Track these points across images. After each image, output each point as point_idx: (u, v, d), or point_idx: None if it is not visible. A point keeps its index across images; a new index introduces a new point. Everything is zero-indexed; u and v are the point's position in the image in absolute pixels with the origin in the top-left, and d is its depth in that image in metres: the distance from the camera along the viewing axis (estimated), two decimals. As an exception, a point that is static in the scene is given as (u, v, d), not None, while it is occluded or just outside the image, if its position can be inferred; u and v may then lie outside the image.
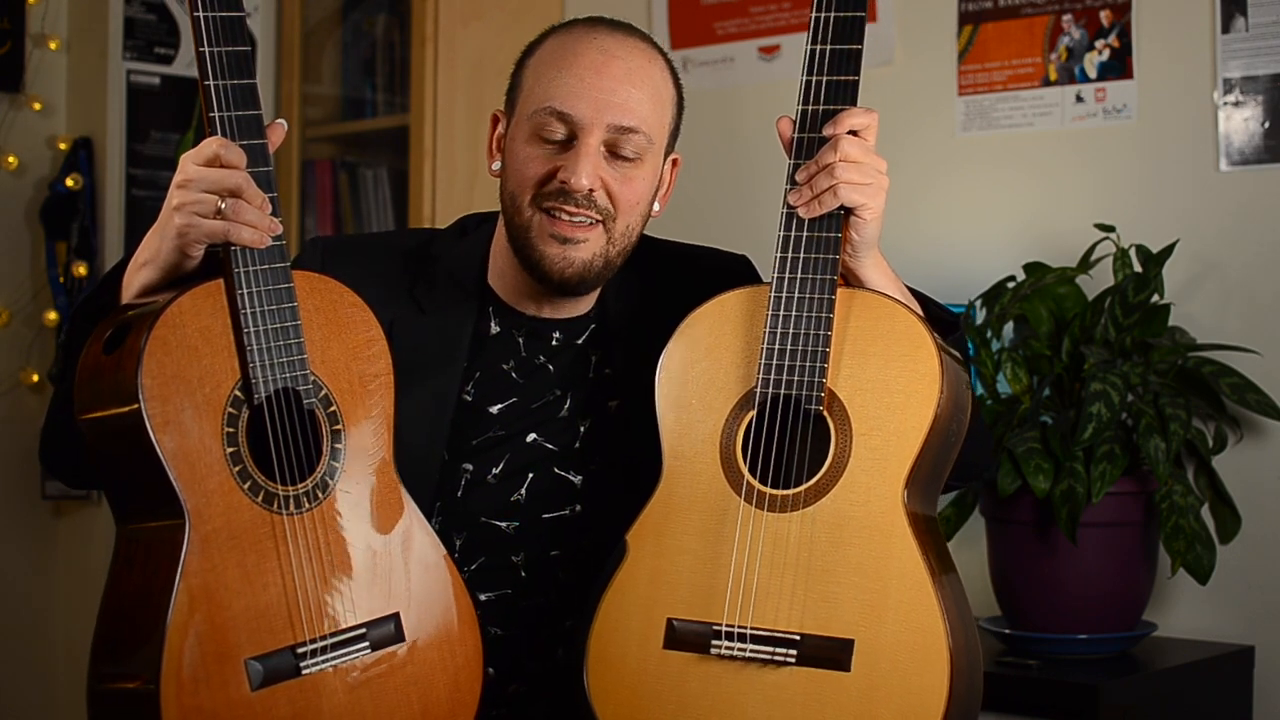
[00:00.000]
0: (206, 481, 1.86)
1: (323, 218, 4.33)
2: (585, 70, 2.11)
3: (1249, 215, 3.19)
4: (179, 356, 1.85)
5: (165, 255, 1.92)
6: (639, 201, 2.16)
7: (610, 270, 2.19)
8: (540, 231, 2.13)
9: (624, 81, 2.11)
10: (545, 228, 2.13)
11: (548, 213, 2.13)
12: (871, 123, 2.03)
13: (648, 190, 2.17)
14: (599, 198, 2.12)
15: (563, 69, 2.12)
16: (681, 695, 2.00)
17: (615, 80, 2.11)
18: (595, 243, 2.14)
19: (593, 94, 2.10)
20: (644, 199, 2.17)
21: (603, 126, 2.10)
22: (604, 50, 2.12)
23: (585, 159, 2.10)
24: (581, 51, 2.12)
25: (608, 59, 2.12)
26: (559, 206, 2.12)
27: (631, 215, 2.16)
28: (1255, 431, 3.15)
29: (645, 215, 2.20)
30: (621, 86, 2.11)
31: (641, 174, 2.15)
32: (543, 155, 2.12)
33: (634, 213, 2.16)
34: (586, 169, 2.10)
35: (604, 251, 2.16)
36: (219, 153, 1.89)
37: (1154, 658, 3.04)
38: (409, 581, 2.02)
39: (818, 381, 1.99)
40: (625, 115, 2.11)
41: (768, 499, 2.00)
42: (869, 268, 2.06)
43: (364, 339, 2.02)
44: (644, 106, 2.13)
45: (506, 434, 2.22)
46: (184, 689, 1.81)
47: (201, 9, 1.90)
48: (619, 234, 2.16)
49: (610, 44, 2.13)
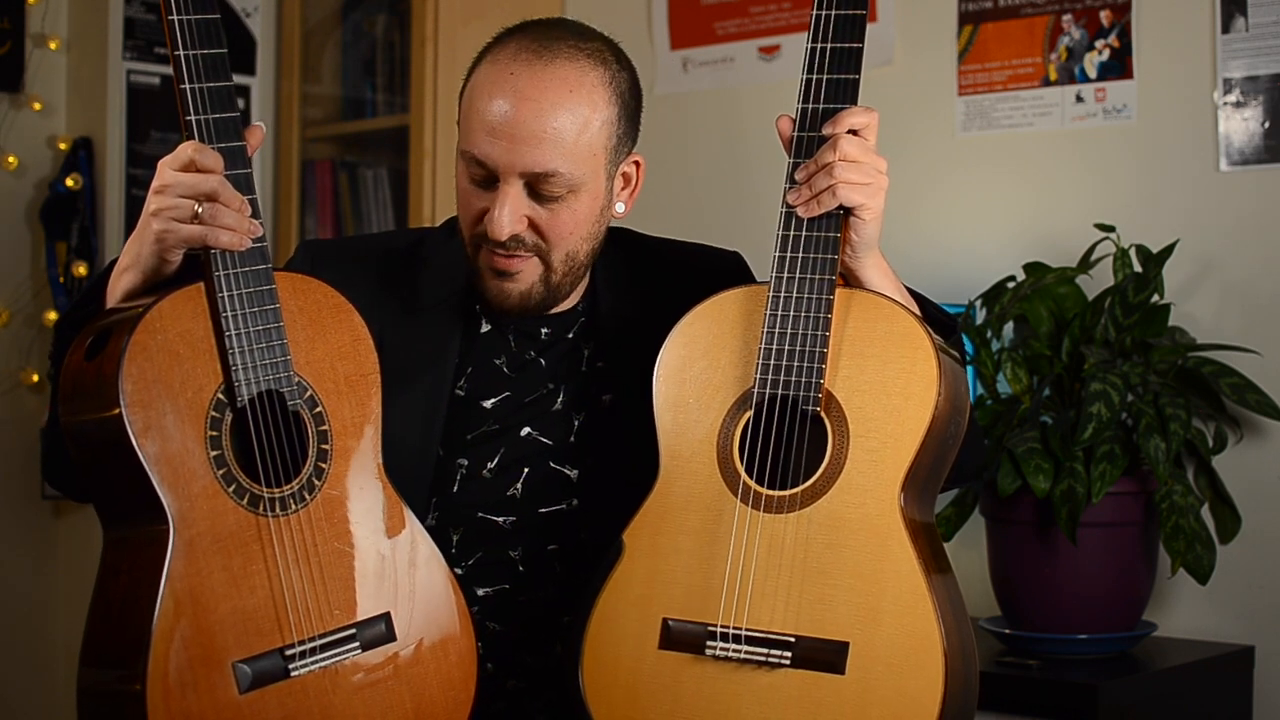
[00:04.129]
0: (190, 486, 1.85)
1: (323, 218, 4.32)
2: (496, 118, 2.06)
3: (1249, 215, 3.19)
4: (160, 361, 1.85)
5: (145, 260, 1.92)
6: (575, 229, 2.13)
7: (560, 291, 2.18)
8: (482, 265, 2.15)
9: (535, 125, 2.05)
10: (484, 261, 2.14)
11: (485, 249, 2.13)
12: (871, 122, 2.02)
13: (586, 214, 2.14)
14: (526, 237, 2.11)
15: (481, 109, 2.07)
16: (676, 696, 1.99)
17: (525, 127, 2.05)
18: (531, 273, 2.14)
19: (504, 144, 2.06)
20: (582, 224, 2.14)
21: (517, 174, 2.08)
22: (517, 92, 2.06)
23: (503, 208, 2.08)
24: (497, 91, 2.07)
25: (519, 102, 2.06)
26: (491, 251, 2.12)
27: (570, 242, 2.13)
28: (1255, 431, 3.14)
29: (593, 233, 2.17)
30: (532, 133, 2.05)
31: (572, 206, 2.11)
32: (473, 193, 2.12)
33: (572, 239, 2.13)
34: (505, 218, 2.08)
35: (543, 279, 2.15)
36: (194, 157, 1.89)
37: (1154, 658, 3.04)
38: (400, 580, 2.01)
39: (815, 382, 1.98)
40: (537, 163, 2.07)
41: (764, 500, 1.99)
42: (869, 268, 2.05)
43: (349, 339, 2.02)
44: (559, 148, 2.06)
45: (500, 428, 2.22)
46: (171, 693, 1.81)
47: (176, 12, 1.90)
48: (559, 261, 2.14)
49: (526, 81, 2.07)
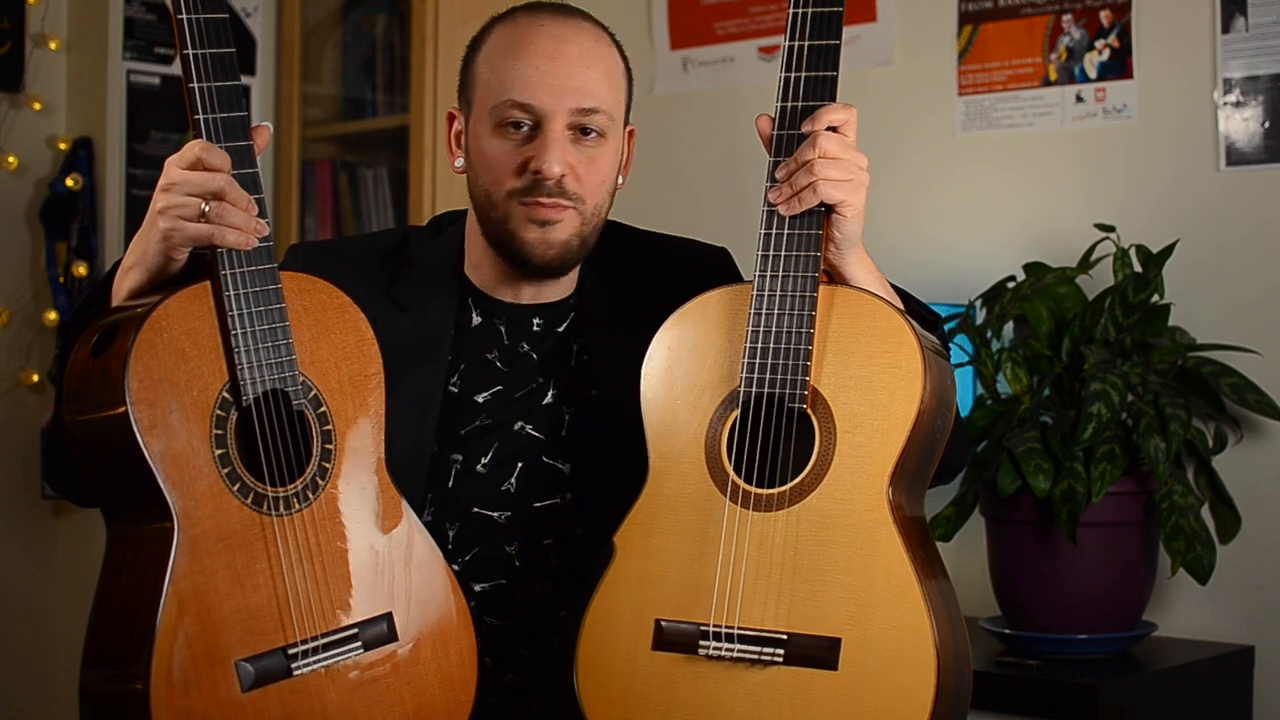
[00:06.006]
0: (195, 484, 1.85)
1: (323, 218, 4.33)
2: (539, 58, 2.14)
3: (1249, 215, 3.19)
4: (166, 359, 1.85)
5: (150, 258, 1.92)
6: (604, 180, 2.20)
7: (586, 249, 2.23)
8: (519, 220, 2.17)
9: (579, 65, 2.15)
10: (524, 214, 2.16)
11: (524, 203, 2.16)
12: (850, 118, 2.03)
13: (612, 167, 2.21)
14: (569, 183, 2.16)
15: (517, 59, 2.14)
16: (670, 696, 1.99)
17: (570, 65, 2.14)
18: (571, 223, 2.18)
19: (551, 81, 2.13)
20: (609, 176, 2.21)
21: (565, 111, 2.14)
22: (554, 36, 2.15)
23: (554, 145, 2.13)
24: (532, 40, 2.15)
25: (559, 44, 2.15)
26: (535, 200, 2.15)
27: (599, 194, 2.20)
28: (1255, 431, 3.14)
29: (612, 191, 2.24)
30: (577, 70, 2.14)
31: (605, 152, 2.19)
32: (510, 147, 2.16)
33: (601, 191, 2.20)
34: (557, 155, 2.13)
35: (579, 231, 2.19)
36: (201, 156, 1.89)
37: (1154, 658, 3.04)
38: (402, 580, 2.01)
39: (801, 380, 1.98)
40: (585, 98, 2.14)
41: (753, 498, 1.99)
42: (853, 264, 2.06)
43: (354, 339, 2.02)
44: (601, 86, 2.16)
45: (494, 423, 2.23)
46: (174, 691, 1.81)
47: (185, 11, 1.90)
48: (590, 214, 2.20)
49: (559, 29, 2.16)
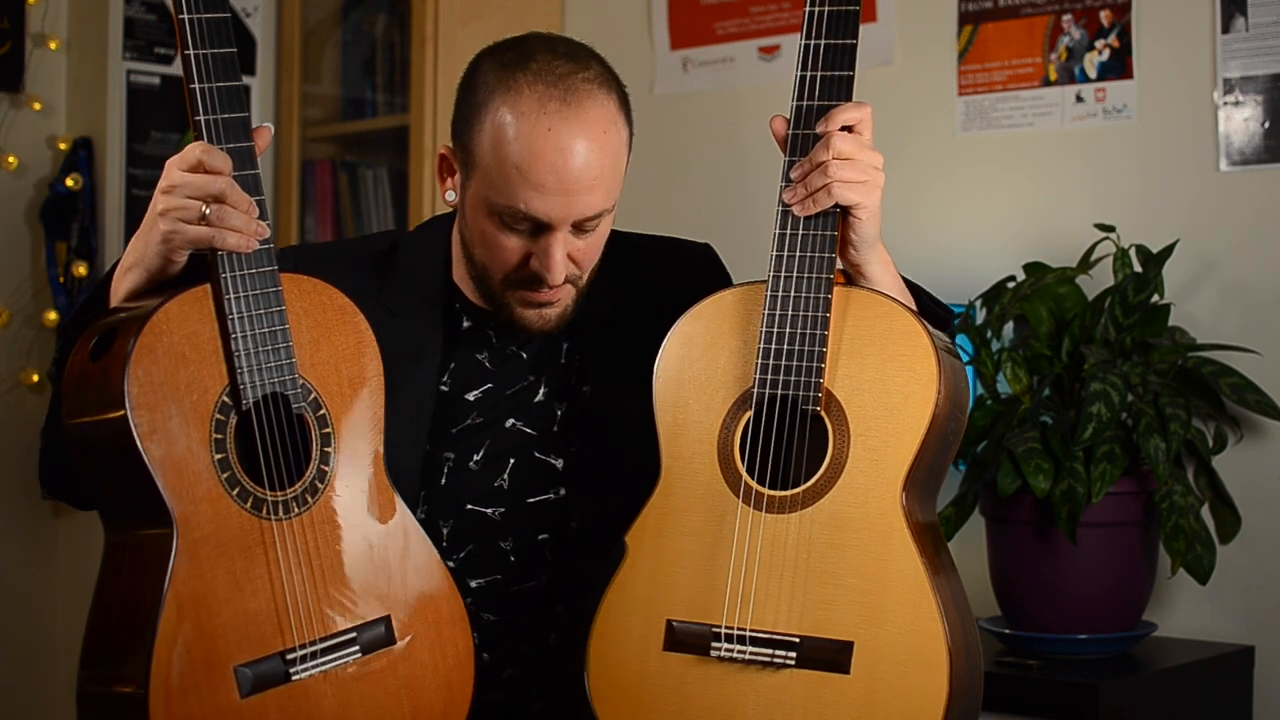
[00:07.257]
0: (194, 489, 1.85)
1: (323, 218, 4.32)
2: (546, 174, 2.06)
3: (1249, 215, 3.19)
4: (165, 363, 1.84)
5: (150, 260, 1.92)
6: (601, 244, 2.18)
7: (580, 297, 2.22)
8: (516, 302, 2.17)
9: (585, 174, 2.07)
10: (521, 298, 2.16)
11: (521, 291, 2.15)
12: (865, 117, 2.01)
13: (609, 228, 2.19)
14: (569, 270, 2.14)
15: (524, 171, 2.06)
16: (681, 697, 1.99)
17: (576, 180, 2.07)
18: (567, 297, 2.18)
19: (557, 198, 2.07)
20: (605, 240, 2.19)
21: (570, 219, 2.09)
22: (560, 148, 2.05)
23: (557, 251, 2.10)
24: (539, 151, 2.06)
25: (566, 157, 2.06)
26: (534, 293, 2.14)
27: (596, 258, 2.19)
28: (1255, 431, 3.14)
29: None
30: (583, 182, 2.07)
31: (604, 225, 2.16)
32: (510, 241, 2.12)
33: (598, 256, 2.19)
34: (559, 260, 2.11)
35: (577, 298, 2.19)
36: (202, 158, 1.88)
37: (1154, 658, 3.04)
38: (400, 584, 2.02)
39: (815, 381, 1.98)
40: (590, 208, 2.09)
41: (766, 500, 1.99)
42: (873, 264, 2.05)
43: (354, 341, 2.02)
44: (604, 185, 2.10)
45: (485, 421, 2.23)
46: (173, 697, 1.81)
47: (187, 11, 1.89)
48: (587, 280, 2.19)
49: (565, 134, 2.06)
